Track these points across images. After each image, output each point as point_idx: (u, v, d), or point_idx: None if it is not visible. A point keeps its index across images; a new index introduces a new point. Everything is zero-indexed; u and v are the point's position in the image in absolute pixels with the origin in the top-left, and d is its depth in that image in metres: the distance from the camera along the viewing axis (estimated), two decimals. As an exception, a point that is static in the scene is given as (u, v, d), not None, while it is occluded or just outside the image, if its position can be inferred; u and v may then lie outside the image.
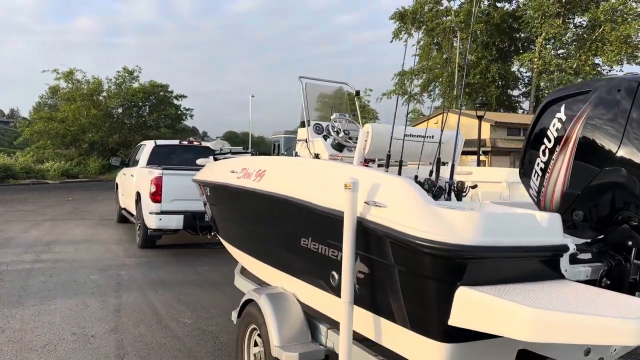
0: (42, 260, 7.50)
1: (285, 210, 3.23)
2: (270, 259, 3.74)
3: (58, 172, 29.97)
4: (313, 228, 2.92)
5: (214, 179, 4.77)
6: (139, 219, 8.75)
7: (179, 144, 10.14)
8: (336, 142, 4.59)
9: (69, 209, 14.53)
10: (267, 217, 3.60)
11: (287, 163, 3.58)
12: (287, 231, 3.29)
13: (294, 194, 3.06)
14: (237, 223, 4.39)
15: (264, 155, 4.48)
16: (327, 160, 3.61)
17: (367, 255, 2.49)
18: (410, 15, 44.47)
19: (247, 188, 3.80)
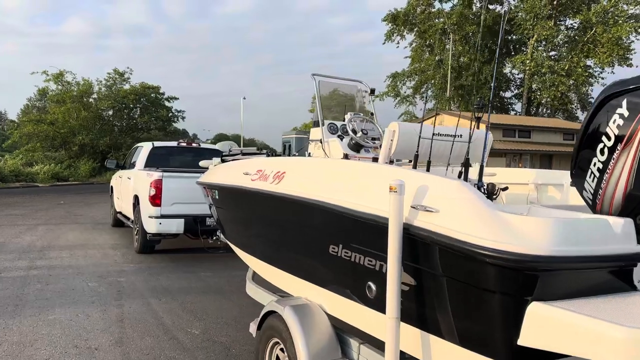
0: (37, 267, 7.19)
1: (311, 215, 2.99)
2: (290, 267, 3.51)
3: (48, 175, 29.49)
4: (345, 234, 2.69)
5: (224, 181, 4.52)
6: (137, 223, 8.47)
7: (177, 146, 9.87)
8: (353, 142, 4.36)
9: (61, 212, 14.18)
10: (287, 222, 3.36)
11: (312, 164, 3.33)
12: (313, 237, 3.05)
13: (322, 197, 2.82)
14: (251, 228, 4.14)
15: (281, 157, 4.25)
16: (363, 161, 3.38)
17: (413, 265, 2.27)
18: (402, 17, 44.46)
19: (264, 191, 3.56)
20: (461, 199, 2.05)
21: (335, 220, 2.73)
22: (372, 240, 2.48)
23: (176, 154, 9.83)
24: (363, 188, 2.56)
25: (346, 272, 2.75)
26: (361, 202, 2.50)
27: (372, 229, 2.42)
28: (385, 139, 3.55)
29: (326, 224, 2.85)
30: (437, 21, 44.28)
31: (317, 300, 3.15)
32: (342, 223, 2.67)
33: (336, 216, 2.68)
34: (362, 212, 2.47)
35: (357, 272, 2.63)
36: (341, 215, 2.63)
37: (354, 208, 2.53)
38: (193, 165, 9.65)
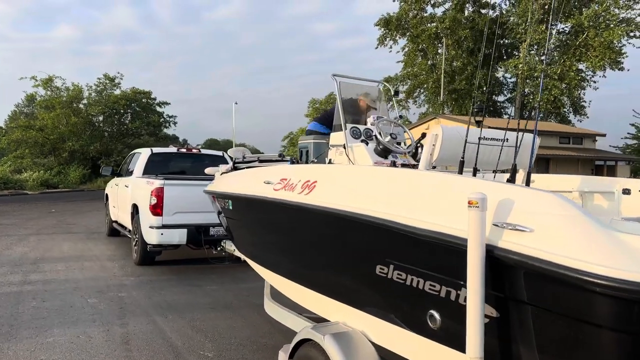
0: (31, 282, 6.77)
1: (352, 231, 2.65)
2: (322, 287, 3.16)
3: (37, 182, 28.90)
4: (399, 254, 2.35)
5: (240, 191, 4.17)
6: (136, 234, 8.07)
7: (177, 152, 9.49)
8: (381, 148, 4.02)
9: (53, 221, 13.71)
10: (321, 237, 3.01)
11: (352, 172, 2.98)
12: (355, 256, 2.71)
13: (367, 210, 2.48)
14: (273, 242, 3.79)
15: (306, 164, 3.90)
16: (424, 170, 3.03)
17: (494, 294, 1.93)
18: (395, 21, 44.34)
19: (290, 202, 3.21)
20: (563, 216, 1.72)
21: (385, 238, 2.39)
22: (436, 263, 2.14)
23: (175, 160, 9.45)
24: (426, 201, 2.22)
25: (399, 297, 2.41)
26: (423, 218, 2.16)
27: (437, 250, 2.08)
28: (427, 144, 3.22)
29: (373, 241, 2.50)
30: (430, 26, 44.24)
31: (358, 326, 2.80)
32: (396, 241, 2.32)
33: (388, 233, 2.34)
34: (423, 230, 2.12)
35: (415, 298, 2.29)
36: (395, 232, 2.28)
37: (413, 224, 2.19)
38: (193, 171, 9.31)
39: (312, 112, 32.45)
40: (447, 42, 42.82)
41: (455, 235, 1.97)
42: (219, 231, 7.63)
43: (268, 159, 4.86)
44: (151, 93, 40.23)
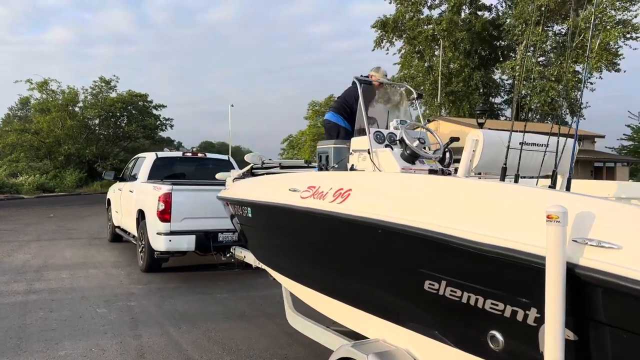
0: (37, 291, 6.58)
1: (396, 244, 2.50)
2: (359, 301, 3.01)
3: (33, 187, 28.57)
4: (454, 270, 2.20)
5: (261, 198, 4.02)
6: (142, 240, 7.89)
7: (182, 156, 9.32)
8: (408, 153, 3.87)
9: (52, 227, 13.49)
10: (359, 249, 2.86)
11: (393, 181, 2.82)
12: (400, 270, 2.56)
13: (421, 223, 2.32)
14: (301, 253, 3.63)
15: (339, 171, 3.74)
16: (482, 179, 2.88)
17: (573, 314, 1.78)
18: (391, 23, 44.28)
19: (321, 211, 3.06)
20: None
21: (439, 253, 2.24)
22: (501, 280, 1.99)
23: (181, 164, 9.29)
24: (490, 213, 2.07)
25: (451, 315, 2.27)
26: (488, 232, 2.01)
27: (504, 267, 1.94)
28: (466, 149, 3.08)
29: (424, 255, 2.35)
30: (427, 27, 44.22)
31: (401, 344, 2.65)
32: (452, 256, 2.18)
33: (442, 248, 2.19)
34: (490, 246, 1.97)
35: (472, 316, 2.14)
36: (452, 247, 2.13)
37: (477, 240, 2.03)
38: (199, 176, 9.15)
39: (312, 114, 32.29)
40: (444, 44, 42.81)
41: (529, 252, 1.82)
42: (227, 237, 7.48)
43: (291, 166, 4.71)
44: (147, 96, 39.99)
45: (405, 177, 2.77)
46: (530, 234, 1.82)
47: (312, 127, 31.06)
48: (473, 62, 43.30)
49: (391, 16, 44.46)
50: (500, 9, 45.49)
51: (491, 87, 45.69)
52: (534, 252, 1.79)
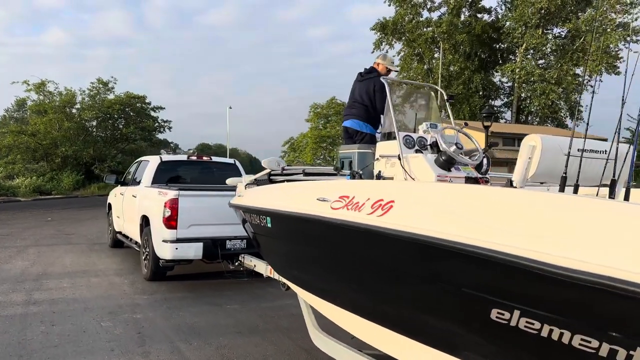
0: (37, 302, 6.26)
1: (461, 266, 2.20)
2: (403, 326, 2.72)
3: (30, 189, 28.23)
4: (534, 300, 1.90)
5: (283, 208, 3.71)
6: (146, 247, 7.57)
7: (187, 160, 9.01)
8: (444, 159, 3.59)
9: (50, 231, 13.15)
10: (405, 269, 2.57)
11: (448, 193, 2.50)
12: (457, 295, 2.27)
13: (484, 242, 2.03)
14: (329, 268, 3.33)
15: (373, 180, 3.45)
16: (550, 191, 2.58)
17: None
18: (391, 26, 44.07)
19: (358, 224, 2.77)
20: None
21: (515, 279, 1.94)
22: (598, 315, 1.70)
23: (185, 168, 8.98)
24: (572, 232, 1.78)
25: (526, 348, 1.98)
26: (572, 255, 1.72)
27: (603, 299, 1.65)
28: (522, 156, 2.80)
29: (490, 280, 2.06)
30: (426, 30, 44.04)
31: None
32: (533, 284, 1.87)
33: (520, 273, 1.89)
34: (579, 272, 1.68)
35: (554, 353, 1.85)
36: (534, 273, 1.83)
37: (558, 264, 1.74)
38: (204, 180, 8.85)
39: (314, 116, 31.93)
40: (444, 46, 42.62)
41: (623, 279, 1.54)
42: (235, 245, 7.18)
43: (316, 173, 4.40)
44: (145, 98, 39.67)
45: (461, 189, 2.48)
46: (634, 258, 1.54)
47: (314, 129, 30.73)
48: (473, 65, 43.13)
49: (391, 18, 44.26)
50: (499, 12, 45.40)
51: (491, 90, 45.53)
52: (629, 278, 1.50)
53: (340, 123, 33.22)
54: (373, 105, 5.87)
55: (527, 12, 39.82)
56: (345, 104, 5.66)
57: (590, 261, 1.66)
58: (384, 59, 6.07)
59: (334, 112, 32.24)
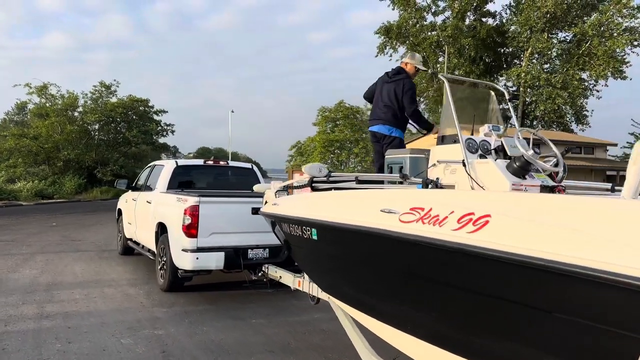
0: (49, 315, 5.87)
1: (585, 296, 1.83)
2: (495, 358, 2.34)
3: (32, 193, 27.75)
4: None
5: (334, 219, 3.33)
6: (162, 256, 7.19)
7: (204, 164, 8.62)
8: (519, 165, 3.21)
9: (56, 237, 12.75)
10: (510, 296, 2.19)
11: (570, 207, 2.11)
12: (587, 332, 1.89)
13: (629, 270, 1.66)
14: (397, 289, 2.95)
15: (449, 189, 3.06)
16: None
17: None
18: (395, 30, 43.79)
19: (440, 241, 2.39)
20: None
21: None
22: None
23: (202, 173, 8.61)
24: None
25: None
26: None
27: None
28: (636, 162, 2.42)
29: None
30: (431, 34, 43.77)
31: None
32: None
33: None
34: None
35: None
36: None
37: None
38: (221, 186, 8.51)
39: (322, 120, 31.52)
40: (449, 50, 42.30)
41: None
42: (258, 254, 6.81)
43: (374, 179, 4.01)
44: (149, 101, 39.24)
45: (586, 202, 2.10)
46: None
47: (322, 133, 30.32)
48: (478, 69, 42.81)
49: (395, 22, 43.98)
50: (504, 16, 45.14)
51: (496, 95, 45.19)
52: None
53: (348, 127, 32.99)
54: (402, 108, 5.53)
55: (533, 16, 39.59)
56: (353, 107, 5.29)
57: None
58: (412, 58, 5.73)
59: (342, 116, 31.82)
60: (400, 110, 5.42)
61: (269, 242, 6.81)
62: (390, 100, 5.46)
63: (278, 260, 6.79)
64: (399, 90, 5.40)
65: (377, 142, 5.57)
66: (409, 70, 5.62)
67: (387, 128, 5.42)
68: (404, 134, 5.53)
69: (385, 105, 5.45)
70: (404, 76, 5.53)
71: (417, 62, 5.68)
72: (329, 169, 4.22)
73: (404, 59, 5.79)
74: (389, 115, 5.42)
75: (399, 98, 5.40)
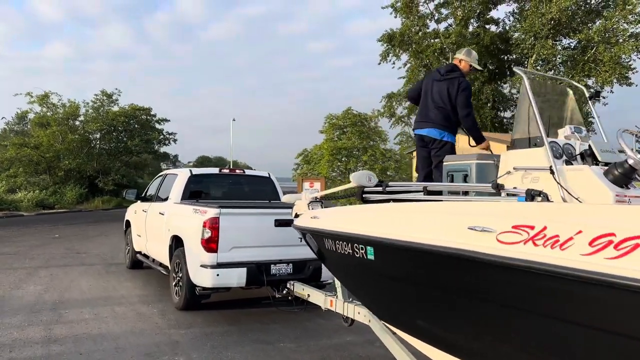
0: (58, 339, 5.36)
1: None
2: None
3: (32, 203, 27.27)
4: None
5: (399, 236, 2.85)
6: (177, 272, 6.68)
7: (219, 173, 8.14)
8: (621, 172, 2.73)
9: (60, 249, 12.23)
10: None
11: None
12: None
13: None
14: (496, 326, 2.44)
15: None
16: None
17: None
18: (398, 37, 43.50)
19: (567, 269, 1.92)
20: None
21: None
22: None
23: (218, 182, 8.13)
24: None
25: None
26: None
27: None
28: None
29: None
30: (434, 41, 43.50)
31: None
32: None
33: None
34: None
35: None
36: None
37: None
38: (237, 195, 8.04)
39: (329, 127, 31.04)
40: (454, 57, 42.02)
41: None
42: (281, 269, 6.31)
43: (451, 189, 3.50)
44: (151, 109, 38.82)
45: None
46: None
47: (329, 140, 29.81)
48: (483, 76, 42.47)
49: (397, 30, 43.70)
50: (507, 23, 44.91)
51: (501, 102, 44.84)
52: None
53: (356, 134, 32.44)
54: (454, 109, 5.06)
55: (537, 22, 39.33)
56: (361, 114, 4.80)
57: None
58: (468, 55, 5.27)
59: (350, 123, 31.36)
60: (453, 111, 4.95)
61: (293, 256, 6.35)
62: (443, 101, 4.98)
63: (302, 277, 6.31)
64: (453, 90, 4.93)
65: (424, 147, 5.09)
66: (463, 68, 5.15)
67: (438, 132, 4.94)
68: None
69: (437, 106, 4.98)
70: (459, 74, 5.07)
71: (473, 60, 5.22)
72: (379, 177, 3.73)
73: (457, 56, 5.32)
74: (440, 117, 4.95)
75: (452, 98, 4.93)
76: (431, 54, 43.74)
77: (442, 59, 45.08)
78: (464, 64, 5.20)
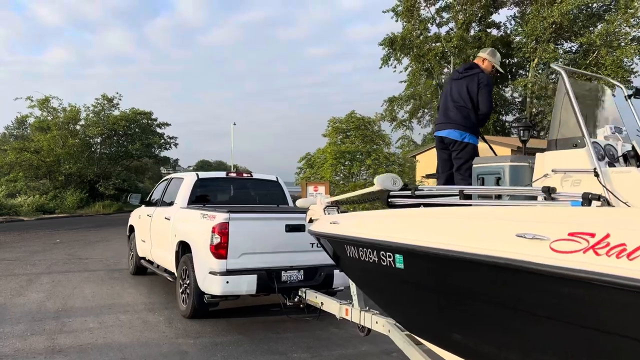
0: (62, 350, 5.15)
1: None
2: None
3: (32, 208, 27.05)
4: None
5: (433, 244, 2.65)
6: (184, 279, 6.48)
7: (226, 176, 7.94)
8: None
9: (62, 255, 12.01)
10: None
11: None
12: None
13: None
14: (553, 342, 2.24)
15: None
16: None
17: None
18: (399, 41, 43.39)
19: (636, 283, 1.72)
20: None
21: None
22: None
23: (224, 186, 7.93)
24: None
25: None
26: None
27: None
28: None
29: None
30: (436, 45, 43.43)
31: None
32: None
33: None
34: None
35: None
36: None
37: None
38: (245, 200, 7.85)
39: (332, 131, 30.78)
40: (455, 61, 41.88)
41: None
42: (292, 276, 6.12)
43: (497, 193, 3.25)
44: (152, 114, 38.61)
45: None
46: None
47: (333, 144, 29.55)
48: (484, 79, 42.42)
49: (399, 34, 43.60)
50: (509, 27, 44.87)
51: (502, 105, 44.70)
52: None
53: (359, 138, 32.15)
54: (475, 108, 4.86)
55: (539, 26, 39.24)
56: (365, 118, 4.60)
57: None
58: (493, 56, 5.06)
59: (353, 127, 31.12)
60: (474, 110, 4.74)
61: (304, 262, 6.17)
62: (462, 99, 4.77)
63: (314, 284, 6.12)
64: (473, 87, 4.73)
65: (444, 149, 4.87)
66: (485, 67, 4.95)
67: (458, 133, 4.73)
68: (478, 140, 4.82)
69: (457, 105, 4.77)
70: (478, 70, 4.87)
71: (497, 61, 5.01)
72: (404, 180, 3.54)
73: (481, 54, 5.11)
74: (460, 117, 4.74)
75: (473, 96, 4.73)
76: (432, 57, 43.68)
77: (443, 62, 45.03)
78: (486, 64, 5.00)
